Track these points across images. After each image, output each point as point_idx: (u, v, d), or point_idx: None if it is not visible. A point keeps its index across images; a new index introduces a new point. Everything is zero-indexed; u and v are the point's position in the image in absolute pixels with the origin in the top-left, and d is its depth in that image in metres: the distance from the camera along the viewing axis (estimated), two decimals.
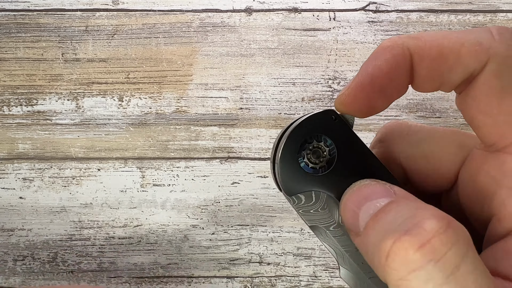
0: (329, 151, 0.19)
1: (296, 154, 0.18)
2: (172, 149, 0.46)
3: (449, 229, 0.14)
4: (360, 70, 0.17)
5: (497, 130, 0.16)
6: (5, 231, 0.47)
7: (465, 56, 0.16)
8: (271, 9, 0.46)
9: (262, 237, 0.47)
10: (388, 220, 0.15)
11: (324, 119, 0.19)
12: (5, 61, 0.46)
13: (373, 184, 0.17)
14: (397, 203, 0.16)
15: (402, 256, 0.14)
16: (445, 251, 0.14)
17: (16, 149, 0.46)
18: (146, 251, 0.47)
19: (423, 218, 0.14)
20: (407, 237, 0.14)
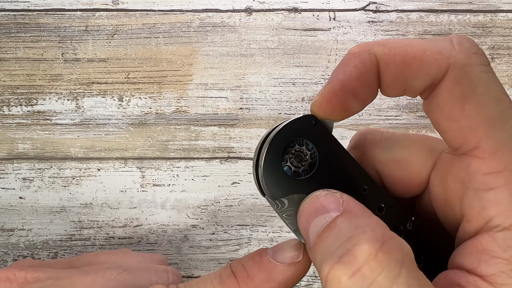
0: (310, 154, 0.19)
1: (279, 158, 0.19)
2: (172, 149, 0.46)
3: (379, 253, 0.14)
4: (332, 76, 0.18)
5: (461, 135, 0.16)
6: (5, 231, 0.47)
7: (427, 63, 0.17)
8: (271, 9, 0.46)
9: (262, 237, 0.47)
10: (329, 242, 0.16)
11: (305, 124, 0.19)
12: (5, 61, 0.46)
13: (323, 195, 0.18)
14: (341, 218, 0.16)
15: (336, 283, 0.15)
16: (375, 277, 0.14)
17: (16, 149, 0.46)
18: (146, 251, 0.47)
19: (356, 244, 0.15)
20: (340, 265, 0.15)
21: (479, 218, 0.16)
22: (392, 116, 0.46)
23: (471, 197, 0.16)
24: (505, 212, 0.15)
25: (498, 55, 0.45)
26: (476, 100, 0.16)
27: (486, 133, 0.16)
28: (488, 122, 0.16)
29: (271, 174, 0.19)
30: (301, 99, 0.46)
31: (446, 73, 0.17)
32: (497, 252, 0.15)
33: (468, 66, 0.16)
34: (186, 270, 0.48)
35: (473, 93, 0.16)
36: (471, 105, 0.16)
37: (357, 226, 0.16)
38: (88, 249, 0.47)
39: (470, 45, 0.17)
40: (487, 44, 0.45)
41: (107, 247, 0.47)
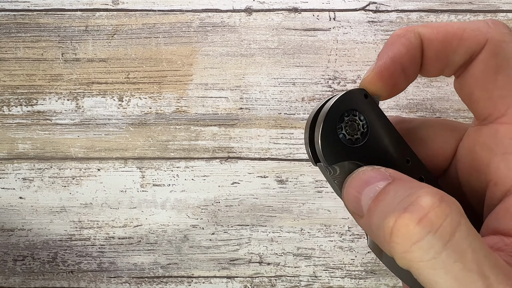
0: (362, 125, 0.20)
1: (336, 127, 0.20)
2: (172, 149, 0.46)
3: (442, 203, 0.16)
4: (380, 55, 0.19)
5: (491, 103, 0.18)
6: (5, 231, 0.47)
7: (467, 39, 0.18)
8: (271, 9, 0.46)
9: (262, 237, 0.47)
10: (387, 201, 0.17)
11: (357, 97, 0.20)
12: (5, 61, 0.46)
13: (370, 170, 0.19)
14: (394, 184, 0.17)
15: (404, 231, 0.15)
16: (441, 222, 0.15)
17: (16, 149, 0.46)
18: (146, 251, 0.47)
19: (418, 196, 0.16)
20: (407, 214, 0.15)
21: (506, 179, 0.17)
22: (392, 116, 0.46)
23: (498, 160, 0.17)
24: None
25: None
26: (509, 72, 0.18)
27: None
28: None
29: (328, 140, 0.20)
30: (301, 99, 0.46)
31: (483, 47, 0.18)
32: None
33: (503, 42, 0.18)
34: (186, 270, 0.48)
35: (506, 66, 0.18)
36: (503, 76, 0.18)
37: (411, 187, 0.17)
38: (88, 249, 0.47)
39: (503, 26, 0.19)
40: None
41: (107, 247, 0.47)
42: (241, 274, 0.48)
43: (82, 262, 0.48)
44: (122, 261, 0.48)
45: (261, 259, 0.47)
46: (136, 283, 0.48)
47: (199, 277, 0.48)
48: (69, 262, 0.48)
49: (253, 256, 0.47)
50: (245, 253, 0.47)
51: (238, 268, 0.47)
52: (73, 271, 0.48)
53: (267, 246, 0.47)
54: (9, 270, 0.48)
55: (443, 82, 0.45)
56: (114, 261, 0.48)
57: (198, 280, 0.48)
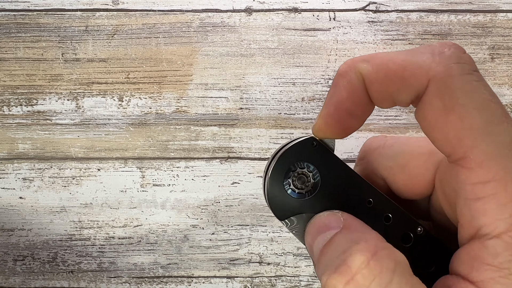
0: (312, 175, 0.20)
1: (282, 183, 0.20)
2: (172, 149, 0.46)
3: (371, 262, 0.15)
4: (326, 99, 0.19)
5: (448, 144, 0.17)
6: (5, 231, 0.47)
7: (408, 79, 0.17)
8: (271, 9, 0.46)
9: (262, 237, 0.47)
10: (328, 255, 0.17)
11: (305, 147, 0.20)
12: (5, 61, 0.46)
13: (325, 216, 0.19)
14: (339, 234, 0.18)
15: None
16: (368, 284, 0.15)
17: (16, 149, 0.46)
18: (146, 251, 0.47)
19: (350, 255, 0.16)
20: (336, 275, 0.16)
21: (470, 226, 0.17)
22: (392, 116, 0.46)
23: (462, 205, 0.17)
24: (493, 221, 0.16)
25: (498, 55, 0.45)
26: (459, 111, 0.16)
27: (471, 144, 0.16)
28: (473, 132, 0.16)
29: (277, 197, 0.20)
30: (301, 99, 0.46)
31: (427, 86, 0.17)
32: (487, 259, 0.16)
33: (448, 77, 0.16)
34: (186, 270, 0.48)
35: (455, 105, 0.16)
36: (454, 117, 0.16)
37: (352, 239, 0.17)
38: (88, 249, 0.47)
39: (451, 54, 0.17)
40: (487, 44, 0.45)
41: (107, 247, 0.47)
42: (241, 274, 0.48)
43: (82, 262, 0.48)
44: (122, 261, 0.48)
45: (261, 259, 0.47)
46: (136, 283, 0.48)
47: (199, 277, 0.48)
48: (69, 262, 0.48)
49: (253, 256, 0.47)
50: (245, 253, 0.47)
51: (238, 268, 0.47)
52: (73, 271, 0.48)
53: (267, 246, 0.47)
54: (9, 270, 0.48)
55: None
56: (114, 261, 0.48)
57: (198, 280, 0.48)
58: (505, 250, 0.16)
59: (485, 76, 0.45)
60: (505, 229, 0.16)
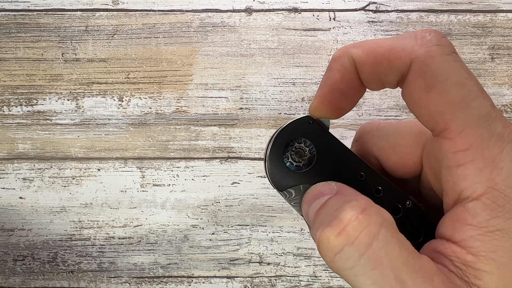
0: (309, 150, 0.22)
1: (282, 156, 0.22)
2: (172, 149, 0.46)
3: (360, 216, 0.17)
4: (321, 81, 0.21)
5: (431, 119, 0.19)
6: (5, 231, 0.47)
7: (394, 60, 0.19)
8: (271, 9, 0.46)
9: (262, 237, 0.47)
10: (323, 215, 0.19)
11: (301, 124, 0.22)
12: (5, 61, 0.46)
13: (320, 185, 0.21)
14: (333, 198, 0.20)
15: (326, 243, 0.17)
16: (357, 235, 0.17)
17: (16, 149, 0.46)
18: (146, 251, 0.47)
19: (341, 211, 0.18)
20: (329, 228, 0.17)
21: (452, 192, 0.18)
22: (392, 116, 0.46)
23: (445, 173, 0.19)
24: (472, 185, 0.18)
25: (498, 55, 0.45)
26: (439, 88, 0.18)
27: (451, 116, 0.18)
28: (452, 106, 0.18)
29: (276, 169, 0.22)
30: (301, 99, 0.46)
31: (410, 67, 0.19)
32: (468, 220, 0.18)
33: (428, 58, 0.18)
34: (186, 270, 0.48)
35: (435, 82, 0.18)
36: (435, 93, 0.18)
37: (345, 200, 0.19)
38: (88, 249, 0.47)
39: (431, 37, 0.19)
40: (487, 44, 0.45)
41: (107, 247, 0.47)
42: (241, 274, 0.48)
43: (82, 262, 0.48)
44: (122, 261, 0.48)
45: (261, 259, 0.47)
46: (136, 283, 0.48)
47: (199, 277, 0.48)
48: (69, 262, 0.48)
49: (253, 256, 0.47)
50: (245, 253, 0.47)
51: (238, 268, 0.47)
52: (73, 271, 0.48)
53: (267, 246, 0.47)
54: (9, 270, 0.48)
55: None
56: (114, 261, 0.48)
57: (198, 280, 0.48)
58: (483, 211, 0.17)
59: (485, 76, 0.45)
60: (483, 192, 0.17)
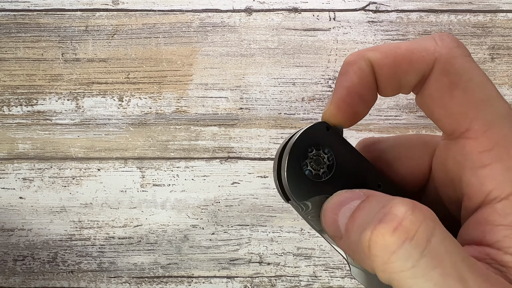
0: (327, 158, 0.21)
1: (300, 164, 0.21)
2: (172, 149, 0.46)
3: (415, 210, 0.16)
4: (336, 87, 0.20)
5: (453, 119, 0.18)
6: (5, 231, 0.47)
7: (416, 61, 0.19)
8: (271, 9, 0.46)
9: (262, 237, 0.47)
10: (363, 216, 0.17)
11: (319, 130, 0.21)
12: (5, 61, 0.46)
13: (344, 192, 0.19)
14: (368, 200, 0.18)
15: (382, 242, 0.16)
16: (416, 229, 0.16)
17: (16, 149, 0.46)
18: (146, 251, 0.47)
19: (391, 206, 0.16)
20: (382, 224, 0.16)
21: (478, 194, 0.18)
22: (392, 116, 0.46)
23: (469, 175, 0.18)
24: (500, 184, 0.17)
25: (498, 55, 0.45)
26: (463, 87, 0.18)
27: (475, 115, 0.18)
28: (476, 105, 0.18)
29: (295, 179, 0.21)
30: (301, 99, 0.46)
31: (433, 67, 0.18)
32: (499, 221, 0.17)
33: (452, 58, 0.18)
34: (186, 270, 0.48)
35: (459, 81, 0.18)
36: (458, 91, 0.18)
37: (385, 200, 0.17)
38: (88, 249, 0.47)
39: (451, 40, 0.19)
40: (487, 44, 0.45)
41: (107, 247, 0.47)
42: (241, 274, 0.48)
43: (82, 262, 0.48)
44: (122, 261, 0.48)
45: (261, 259, 0.47)
46: (136, 283, 0.48)
47: (199, 277, 0.48)
48: (69, 262, 0.48)
49: (253, 256, 0.47)
50: (245, 253, 0.47)
51: (238, 268, 0.47)
52: (73, 271, 0.48)
53: (267, 246, 0.47)
54: (9, 270, 0.48)
55: None
56: (114, 261, 0.48)
57: (198, 280, 0.48)
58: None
59: None
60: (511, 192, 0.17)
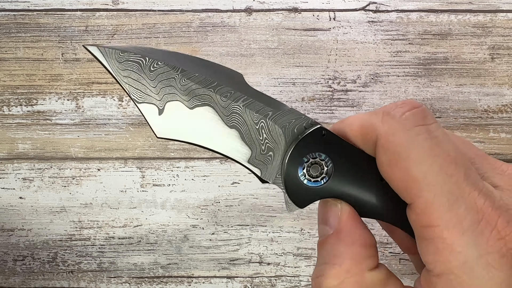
0: (325, 163, 0.21)
1: (298, 174, 0.21)
2: (172, 149, 0.46)
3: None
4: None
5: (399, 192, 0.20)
6: (5, 231, 0.47)
7: (365, 137, 0.20)
8: (271, 9, 0.46)
9: (262, 237, 0.47)
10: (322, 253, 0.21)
11: (315, 137, 0.21)
12: (5, 61, 0.46)
13: (327, 207, 0.21)
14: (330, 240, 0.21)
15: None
16: None
17: (16, 149, 0.46)
18: (146, 251, 0.47)
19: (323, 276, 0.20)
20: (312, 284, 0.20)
21: (420, 259, 0.19)
22: None
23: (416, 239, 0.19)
24: (433, 262, 0.18)
25: (498, 55, 0.45)
26: (401, 165, 0.19)
27: (415, 193, 0.18)
28: (415, 183, 0.18)
29: (295, 189, 0.21)
30: (301, 99, 0.46)
31: (376, 142, 0.20)
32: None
33: (391, 135, 0.19)
34: (186, 270, 0.48)
35: (398, 159, 0.19)
36: (398, 170, 0.19)
37: (335, 254, 0.20)
38: (88, 249, 0.47)
39: (395, 113, 0.19)
40: (487, 44, 0.45)
41: (107, 247, 0.47)
42: (241, 274, 0.48)
43: (82, 262, 0.48)
44: (122, 261, 0.48)
45: (261, 259, 0.47)
46: (136, 283, 0.48)
47: (199, 277, 0.48)
48: (69, 262, 0.48)
49: (253, 256, 0.47)
50: (245, 253, 0.47)
51: (238, 268, 0.47)
52: (73, 271, 0.48)
53: (267, 246, 0.47)
54: (9, 270, 0.48)
55: (443, 82, 0.46)
56: (114, 261, 0.48)
57: (198, 280, 0.48)
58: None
59: (485, 76, 0.45)
60: (441, 271, 0.18)
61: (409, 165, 0.18)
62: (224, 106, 0.21)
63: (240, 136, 0.21)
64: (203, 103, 0.21)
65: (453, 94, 0.45)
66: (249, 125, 0.22)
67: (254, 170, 0.22)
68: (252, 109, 0.22)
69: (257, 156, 0.22)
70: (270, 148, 0.22)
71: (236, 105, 0.21)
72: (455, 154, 0.19)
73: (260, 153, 0.22)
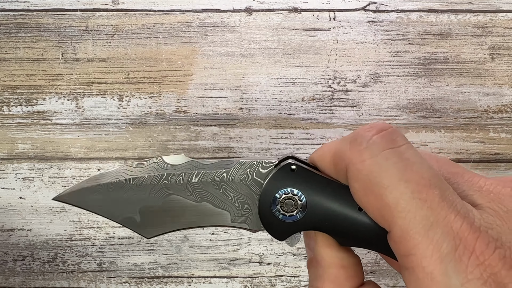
0: (298, 197, 0.21)
1: (272, 212, 0.22)
2: (172, 149, 0.46)
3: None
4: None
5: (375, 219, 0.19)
6: (5, 231, 0.47)
7: (336, 165, 0.20)
8: (271, 9, 0.46)
9: (262, 237, 0.47)
10: (309, 275, 0.22)
11: (284, 174, 0.22)
12: (5, 61, 0.46)
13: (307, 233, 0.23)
14: (313, 264, 0.22)
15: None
16: None
17: (16, 149, 0.46)
18: (146, 251, 0.47)
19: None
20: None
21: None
22: (392, 116, 0.46)
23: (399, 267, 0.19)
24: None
25: (498, 55, 0.45)
26: (373, 192, 0.18)
27: (390, 221, 0.18)
28: (388, 210, 0.18)
29: (272, 225, 0.22)
30: (301, 99, 0.46)
31: (346, 172, 0.19)
32: None
33: (358, 163, 0.19)
34: (186, 270, 0.48)
35: (369, 187, 0.18)
36: (371, 197, 0.18)
37: (316, 277, 0.21)
38: (88, 249, 0.47)
39: (362, 139, 0.19)
40: (487, 44, 0.45)
41: (107, 247, 0.47)
42: (241, 274, 0.48)
43: (82, 262, 0.48)
44: (122, 261, 0.48)
45: (261, 259, 0.47)
46: (136, 283, 0.48)
47: (199, 277, 0.48)
48: (69, 262, 0.48)
49: (253, 256, 0.47)
50: (245, 253, 0.47)
51: (238, 268, 0.47)
52: (73, 271, 0.48)
53: (267, 246, 0.47)
54: (9, 270, 0.48)
55: (443, 82, 0.46)
56: (114, 261, 0.48)
57: (198, 280, 0.48)
58: None
59: (485, 76, 0.45)
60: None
61: (381, 192, 0.18)
62: (183, 189, 0.23)
63: (213, 205, 0.23)
64: (166, 195, 0.23)
65: (453, 94, 0.45)
66: (213, 192, 0.23)
67: (241, 226, 0.23)
68: (208, 179, 0.23)
69: (236, 214, 0.23)
70: (243, 202, 0.23)
71: (192, 183, 0.23)
72: (429, 176, 0.18)
73: (238, 210, 0.23)
